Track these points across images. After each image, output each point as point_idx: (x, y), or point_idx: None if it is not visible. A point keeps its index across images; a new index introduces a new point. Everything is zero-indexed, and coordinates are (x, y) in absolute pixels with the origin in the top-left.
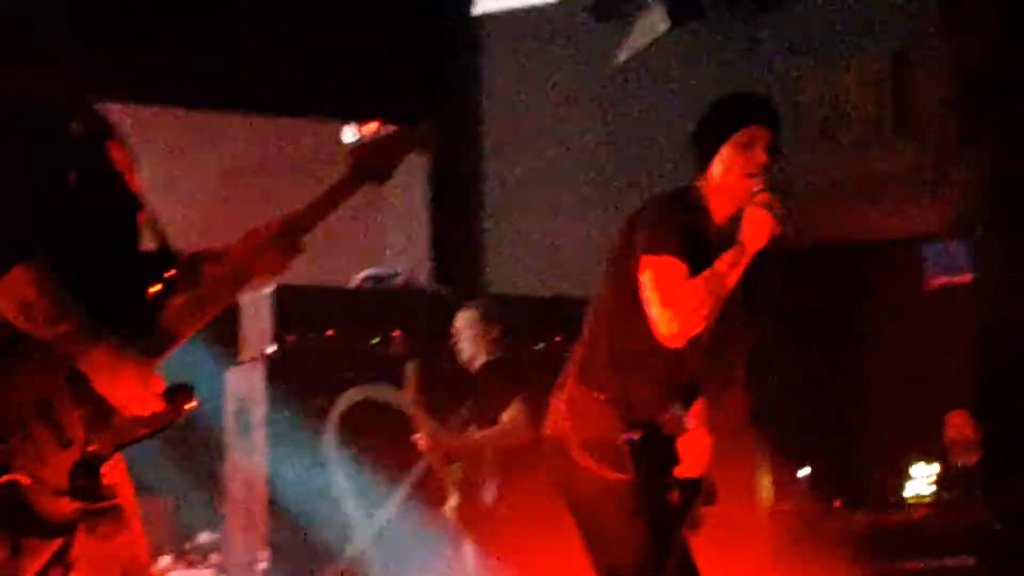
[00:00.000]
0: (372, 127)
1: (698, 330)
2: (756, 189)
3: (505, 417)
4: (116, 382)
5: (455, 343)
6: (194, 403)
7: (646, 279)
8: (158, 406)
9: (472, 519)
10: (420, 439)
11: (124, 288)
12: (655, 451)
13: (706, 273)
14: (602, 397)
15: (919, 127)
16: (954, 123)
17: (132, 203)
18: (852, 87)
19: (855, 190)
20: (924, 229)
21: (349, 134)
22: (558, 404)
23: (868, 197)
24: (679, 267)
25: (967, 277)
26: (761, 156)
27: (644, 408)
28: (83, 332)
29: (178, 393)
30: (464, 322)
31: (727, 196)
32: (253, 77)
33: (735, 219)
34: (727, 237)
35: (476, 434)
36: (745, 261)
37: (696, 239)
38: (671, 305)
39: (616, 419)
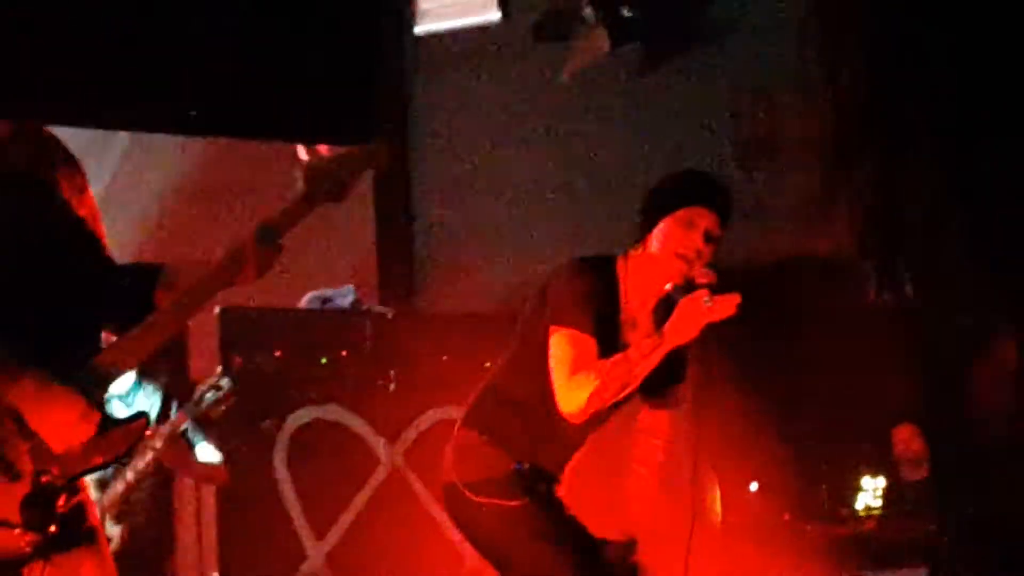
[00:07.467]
0: (324, 147)
1: (599, 410)
2: (702, 281)
3: None
4: (44, 414)
5: None
6: (148, 431)
7: (553, 349)
8: (90, 435)
9: None
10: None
11: (69, 316)
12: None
13: (617, 357)
14: (486, 439)
15: (855, 150)
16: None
17: (78, 230)
18: (790, 112)
19: (797, 211)
20: (864, 248)
21: (303, 153)
22: (447, 451)
23: (811, 219)
24: (586, 341)
25: (907, 293)
26: (698, 240)
27: (525, 455)
28: (7, 365)
29: (132, 421)
30: None
31: (651, 272)
32: (189, 99)
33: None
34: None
35: None
36: (662, 353)
37: (605, 313)
38: (574, 384)
39: (499, 457)
